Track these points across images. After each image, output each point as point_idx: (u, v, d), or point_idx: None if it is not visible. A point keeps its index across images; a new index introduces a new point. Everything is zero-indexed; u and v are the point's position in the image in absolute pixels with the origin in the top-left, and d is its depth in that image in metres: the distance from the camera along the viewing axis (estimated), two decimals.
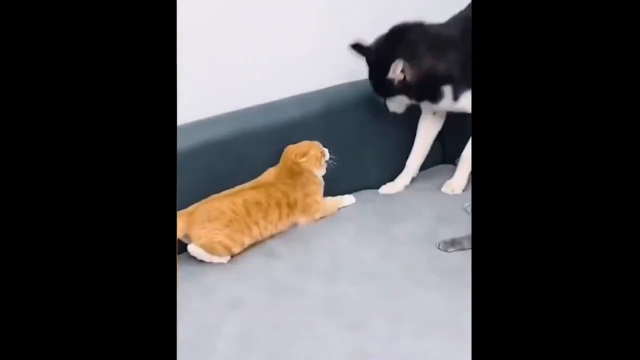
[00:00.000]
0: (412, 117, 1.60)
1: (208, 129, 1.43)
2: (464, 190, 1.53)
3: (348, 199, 1.51)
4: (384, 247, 1.31)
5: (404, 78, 1.39)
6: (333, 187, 1.53)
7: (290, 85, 1.55)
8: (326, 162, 1.45)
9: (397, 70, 1.37)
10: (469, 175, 1.54)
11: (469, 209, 1.38)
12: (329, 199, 1.48)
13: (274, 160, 1.45)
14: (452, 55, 1.39)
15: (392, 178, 1.62)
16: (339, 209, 1.48)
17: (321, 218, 1.45)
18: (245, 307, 1.17)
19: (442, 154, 1.70)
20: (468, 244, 1.24)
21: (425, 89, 1.43)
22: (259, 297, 1.20)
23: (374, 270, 1.24)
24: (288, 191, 1.39)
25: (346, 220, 1.45)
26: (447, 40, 1.40)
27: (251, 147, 1.45)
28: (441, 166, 1.68)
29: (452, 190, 1.54)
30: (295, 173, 1.41)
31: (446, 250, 1.25)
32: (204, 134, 1.41)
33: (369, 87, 1.52)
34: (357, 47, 1.45)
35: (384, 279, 1.20)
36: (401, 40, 1.41)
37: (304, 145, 1.44)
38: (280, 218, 1.38)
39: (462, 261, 1.21)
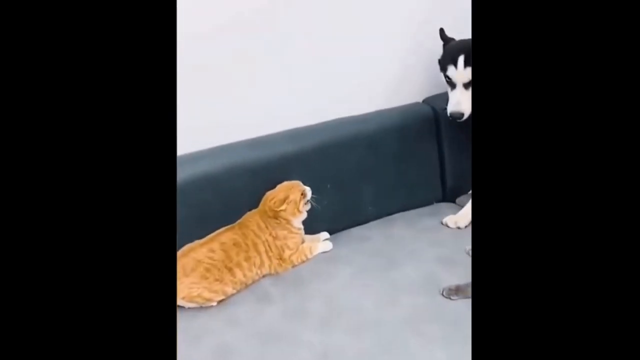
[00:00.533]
0: (408, 153, 1.57)
1: (198, 163, 1.37)
2: (466, 227, 1.47)
3: (324, 246, 1.44)
4: (383, 292, 1.24)
5: None
6: (329, 223, 1.49)
7: (285, 120, 1.50)
8: (308, 201, 1.38)
9: None
10: None
11: (471, 253, 1.32)
12: (306, 243, 1.42)
13: None
14: None
15: (388, 214, 1.57)
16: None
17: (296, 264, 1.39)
18: (235, 356, 1.10)
19: (443, 193, 1.65)
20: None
21: None
22: (249, 345, 1.13)
23: (372, 319, 1.17)
24: (261, 236, 1.34)
25: (343, 260, 1.38)
26: None
27: (242, 182, 1.39)
28: (442, 204, 1.62)
29: (456, 223, 1.49)
30: (269, 217, 1.36)
31: (449, 298, 1.19)
32: (194, 169, 1.35)
33: (368, 122, 1.47)
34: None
35: (382, 329, 1.14)
36: None
37: (282, 189, 1.37)
38: (262, 263, 1.33)
39: (465, 310, 1.15)
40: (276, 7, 1.41)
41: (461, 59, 1.40)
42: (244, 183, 1.39)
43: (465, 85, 1.42)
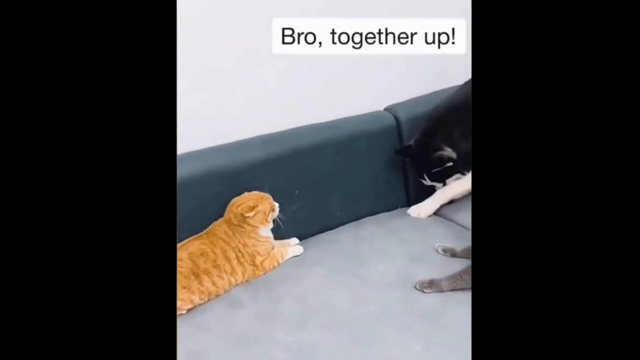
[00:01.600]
0: (373, 159, 1.60)
1: None
2: (428, 217, 1.56)
3: (295, 250, 1.43)
4: (355, 289, 1.25)
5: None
6: (298, 227, 1.49)
7: (256, 125, 1.50)
8: (277, 217, 1.37)
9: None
10: (439, 206, 1.56)
11: (440, 250, 1.35)
12: (277, 248, 1.41)
13: None
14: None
15: (356, 219, 1.59)
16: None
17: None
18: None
19: (407, 198, 1.69)
20: (447, 286, 1.19)
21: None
22: (222, 349, 1.10)
23: (346, 315, 1.17)
24: (231, 243, 1.33)
25: (313, 262, 1.38)
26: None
27: (212, 188, 1.37)
28: (405, 209, 1.65)
29: (418, 214, 1.55)
30: (234, 225, 1.34)
31: (423, 291, 1.20)
32: None
33: (335, 129, 1.53)
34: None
35: (357, 324, 1.14)
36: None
37: (252, 197, 1.35)
38: (233, 270, 1.31)
39: (438, 302, 1.18)
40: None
41: None
42: (214, 189, 1.38)
43: None
